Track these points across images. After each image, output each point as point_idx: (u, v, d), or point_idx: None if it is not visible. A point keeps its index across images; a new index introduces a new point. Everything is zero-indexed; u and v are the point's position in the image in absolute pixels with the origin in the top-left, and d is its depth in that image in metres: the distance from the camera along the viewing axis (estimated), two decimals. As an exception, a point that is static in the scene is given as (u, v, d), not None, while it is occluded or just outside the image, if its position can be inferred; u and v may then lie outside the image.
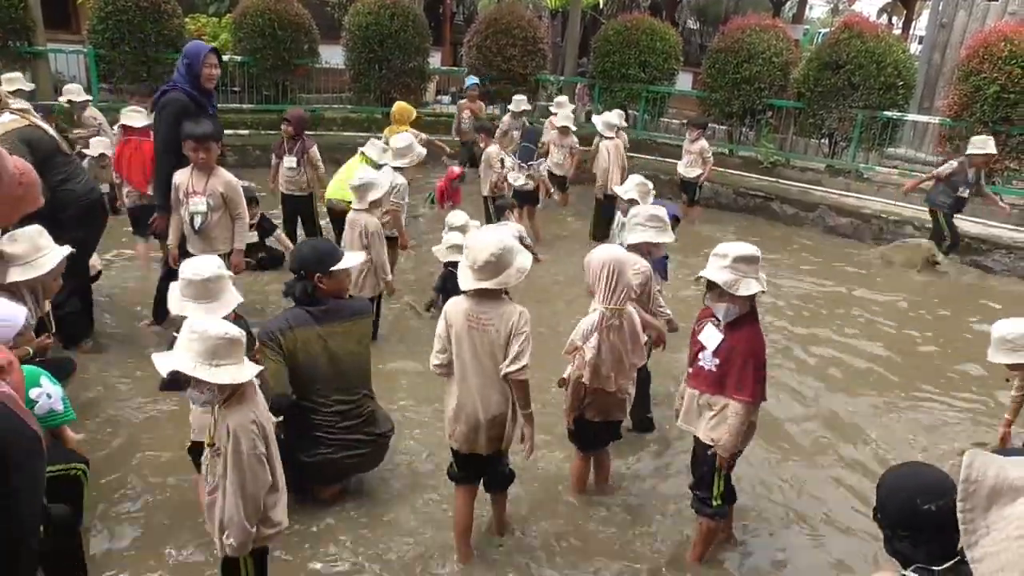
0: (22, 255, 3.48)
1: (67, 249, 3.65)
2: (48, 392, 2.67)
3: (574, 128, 9.08)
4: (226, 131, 10.87)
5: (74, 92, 8.13)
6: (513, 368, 2.95)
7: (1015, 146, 9.47)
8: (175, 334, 2.52)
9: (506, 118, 10.11)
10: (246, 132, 11.62)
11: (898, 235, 9.45)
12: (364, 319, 3.74)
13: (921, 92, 12.50)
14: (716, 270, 3.03)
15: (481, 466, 3.25)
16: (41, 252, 3.54)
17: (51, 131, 4.63)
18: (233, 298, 3.23)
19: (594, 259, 3.34)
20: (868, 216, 9.76)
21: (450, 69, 16.14)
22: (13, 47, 10.56)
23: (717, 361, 3.10)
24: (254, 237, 5.87)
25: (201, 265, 3.19)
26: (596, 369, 3.32)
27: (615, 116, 8.64)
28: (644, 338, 3.56)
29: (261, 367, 2.67)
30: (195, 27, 13.66)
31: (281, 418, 3.23)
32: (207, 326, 2.45)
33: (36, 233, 3.58)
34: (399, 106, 8.57)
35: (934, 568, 1.96)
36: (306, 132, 7.11)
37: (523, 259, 3.07)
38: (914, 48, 18.79)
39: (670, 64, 12.91)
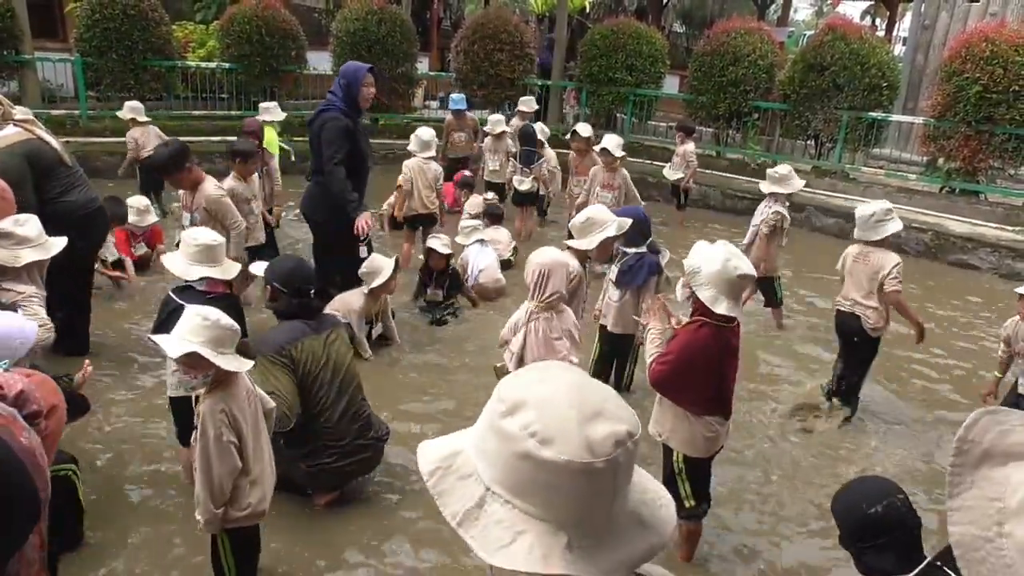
0: (34, 237, 3.54)
1: (65, 239, 3.73)
2: None
3: (508, 131, 9.03)
4: (213, 138, 10.95)
5: (139, 111, 8.31)
6: None
7: (998, 145, 9.59)
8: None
9: (515, 120, 9.97)
10: (234, 139, 11.57)
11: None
12: (342, 327, 3.82)
13: (905, 93, 12.64)
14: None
15: None
16: (45, 235, 3.62)
17: (54, 142, 4.61)
18: (233, 267, 3.57)
19: (532, 261, 3.60)
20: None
21: (437, 74, 16.18)
22: (1, 56, 10.53)
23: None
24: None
25: (200, 232, 3.58)
26: (521, 361, 3.52)
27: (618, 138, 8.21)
28: (575, 336, 3.67)
29: (252, 361, 2.77)
30: (182, 34, 13.66)
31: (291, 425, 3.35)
32: (219, 316, 2.63)
33: (37, 218, 3.66)
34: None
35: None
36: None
37: None
38: (898, 50, 18.98)
39: (657, 67, 12.99)
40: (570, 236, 4.19)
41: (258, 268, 3.87)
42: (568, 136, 8.59)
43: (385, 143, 12.67)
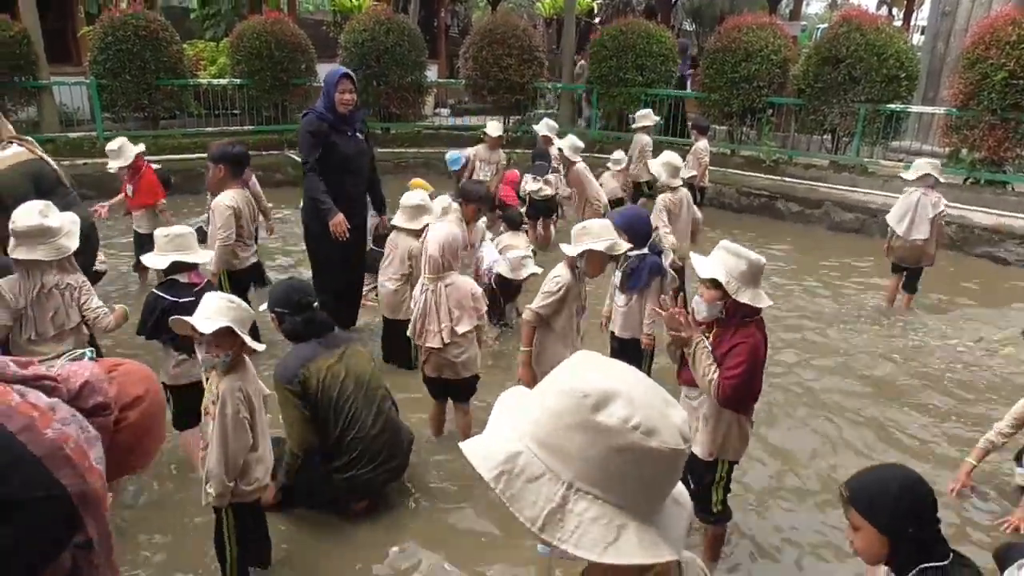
0: (64, 227, 3.60)
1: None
2: None
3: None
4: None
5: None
6: None
7: None
8: None
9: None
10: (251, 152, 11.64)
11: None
12: (357, 342, 3.90)
13: (925, 83, 12.38)
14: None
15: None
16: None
17: (53, 163, 4.65)
18: (205, 254, 4.03)
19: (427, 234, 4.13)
20: (874, 210, 9.64)
21: (447, 81, 16.19)
22: (18, 82, 10.66)
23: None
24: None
25: (174, 228, 3.91)
26: (416, 328, 4.06)
27: (576, 139, 7.82)
28: (474, 310, 4.06)
29: (262, 346, 3.03)
30: (193, 52, 13.76)
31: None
32: (241, 302, 2.94)
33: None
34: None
35: (940, 564, 1.91)
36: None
37: None
38: (916, 39, 18.69)
39: (667, 67, 12.87)
40: None
41: (148, 260, 3.88)
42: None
43: (396, 152, 12.70)
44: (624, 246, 3.85)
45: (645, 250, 4.23)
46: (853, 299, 7.25)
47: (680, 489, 1.07)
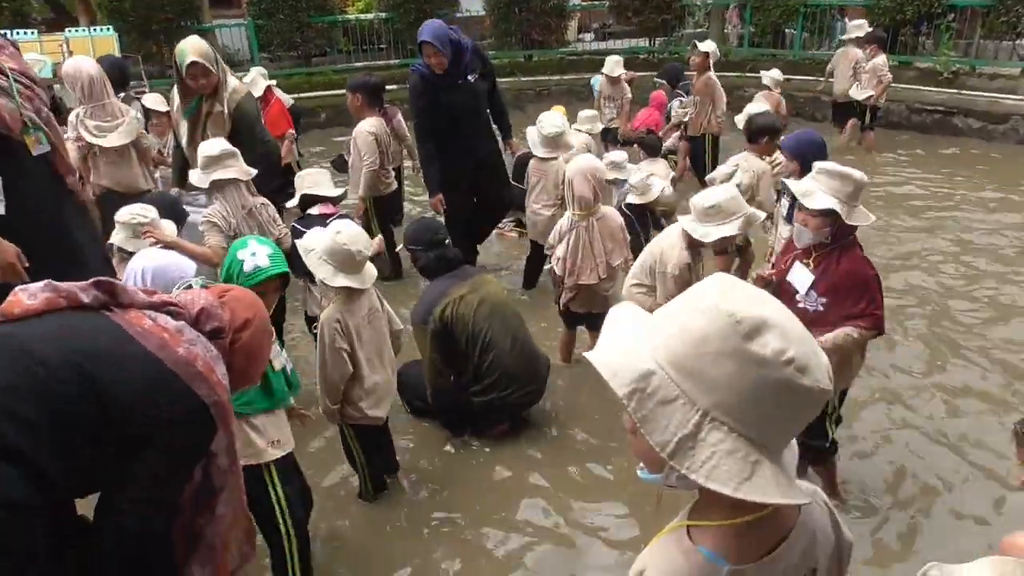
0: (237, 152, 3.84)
1: None
2: (254, 251, 2.62)
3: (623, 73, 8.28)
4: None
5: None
6: None
7: None
8: None
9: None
10: (394, 87, 11.92)
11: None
12: (487, 272, 3.99)
13: None
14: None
15: None
16: None
17: None
18: (333, 188, 4.27)
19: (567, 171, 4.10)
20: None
21: (590, 4, 15.65)
22: (185, 26, 11.43)
23: (823, 300, 2.84)
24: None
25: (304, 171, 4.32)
26: (569, 268, 4.01)
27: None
28: (619, 237, 4.04)
29: (364, 287, 3.02)
30: (341, -11, 14.13)
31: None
32: (348, 238, 2.91)
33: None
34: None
35: None
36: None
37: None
38: None
39: (830, -28, 11.76)
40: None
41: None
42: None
43: (539, 80, 12.56)
44: (759, 216, 3.48)
45: None
46: None
47: None
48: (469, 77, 5.04)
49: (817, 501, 1.14)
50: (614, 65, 8.12)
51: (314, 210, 4.12)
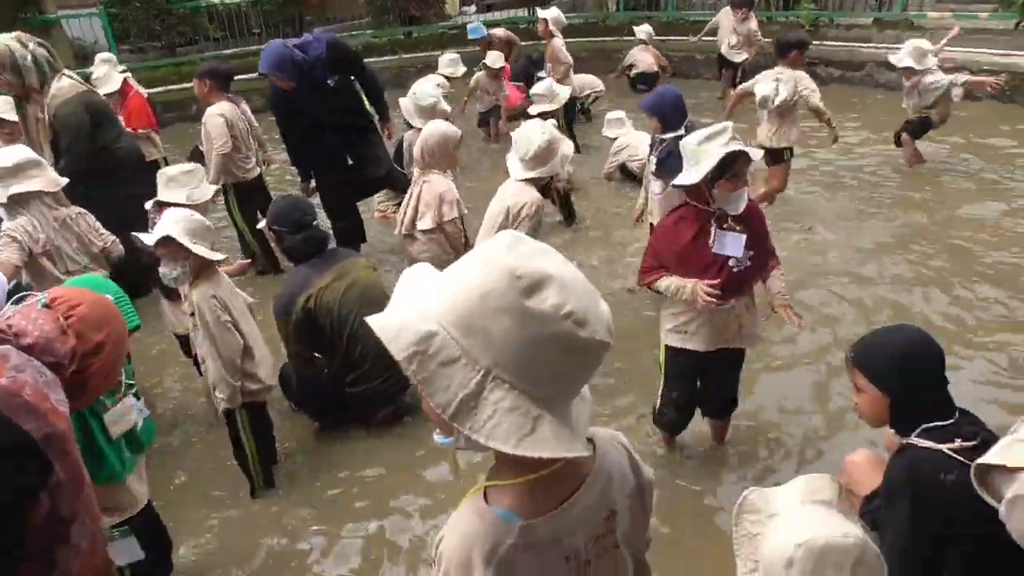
0: (42, 160, 3.54)
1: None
2: None
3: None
4: (250, 75, 10.88)
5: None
6: None
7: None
8: None
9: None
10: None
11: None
12: (357, 255, 3.77)
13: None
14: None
15: None
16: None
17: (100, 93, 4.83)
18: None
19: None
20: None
21: (464, -26, 15.56)
22: (26, 19, 10.55)
23: (751, 253, 2.76)
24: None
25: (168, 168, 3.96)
26: (412, 222, 4.20)
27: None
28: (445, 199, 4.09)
29: (223, 256, 3.08)
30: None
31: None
32: (193, 214, 3.01)
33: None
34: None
35: (944, 423, 1.84)
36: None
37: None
38: None
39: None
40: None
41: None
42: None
43: (421, 56, 12.34)
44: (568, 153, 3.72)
45: (681, 131, 3.93)
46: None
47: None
48: (328, 82, 4.87)
49: (614, 444, 1.17)
50: (496, 57, 8.03)
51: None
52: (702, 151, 2.59)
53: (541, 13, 7.56)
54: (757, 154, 2.63)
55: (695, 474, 3.22)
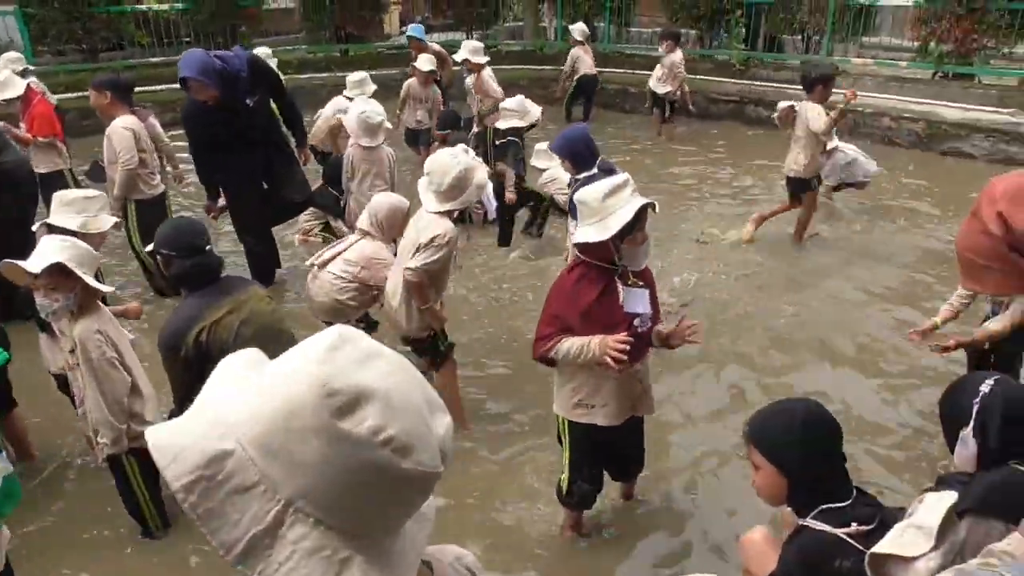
0: None
1: None
2: None
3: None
4: (175, 85, 10.56)
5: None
6: None
7: (991, 23, 9.08)
8: None
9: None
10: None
11: (875, 127, 9.22)
12: (256, 286, 3.40)
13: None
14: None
15: None
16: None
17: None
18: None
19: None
20: (844, 111, 9.44)
21: (406, -6, 15.50)
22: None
23: (651, 312, 2.71)
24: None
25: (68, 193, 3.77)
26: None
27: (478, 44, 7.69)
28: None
29: (111, 288, 3.01)
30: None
31: None
32: (78, 242, 2.86)
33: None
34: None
35: (842, 504, 1.81)
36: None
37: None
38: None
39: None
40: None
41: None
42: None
43: (355, 75, 12.19)
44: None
45: (595, 170, 3.90)
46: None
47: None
48: (248, 101, 4.70)
49: (457, 568, 1.01)
50: (427, 60, 8.00)
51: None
52: (606, 207, 2.46)
53: (460, 53, 7.47)
54: (657, 206, 2.56)
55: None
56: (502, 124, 6.12)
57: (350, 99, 7.06)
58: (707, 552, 3.02)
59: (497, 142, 6.46)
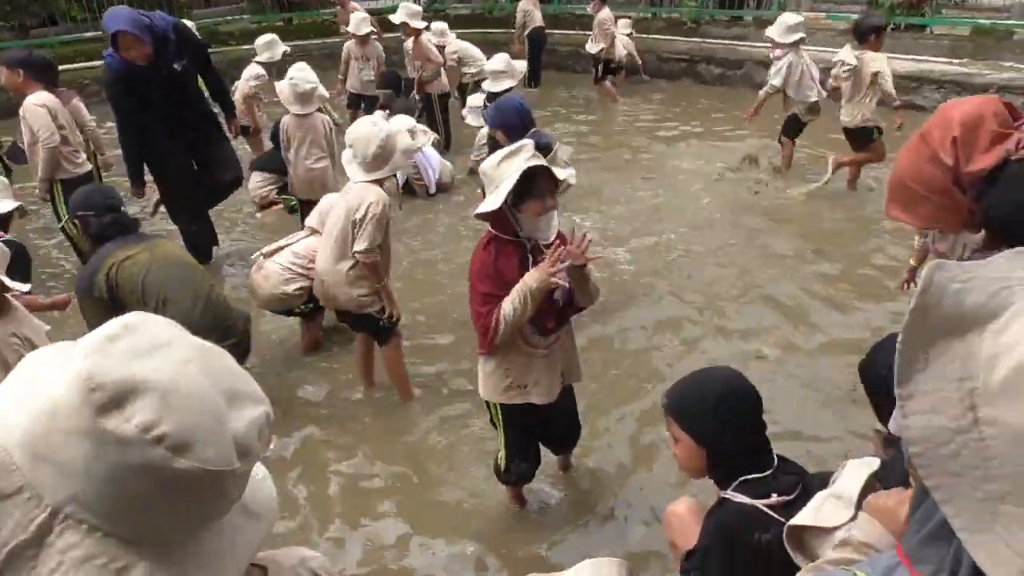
0: None
1: None
2: None
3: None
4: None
5: None
6: None
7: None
8: None
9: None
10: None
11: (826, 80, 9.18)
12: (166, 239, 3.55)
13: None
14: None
15: None
16: None
17: None
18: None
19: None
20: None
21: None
22: None
23: (567, 285, 2.56)
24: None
25: None
26: None
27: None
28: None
29: (28, 287, 2.69)
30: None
31: None
32: None
33: None
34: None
35: (762, 474, 1.75)
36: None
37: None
38: None
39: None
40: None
41: None
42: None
43: (300, 44, 11.83)
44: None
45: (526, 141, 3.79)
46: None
47: (256, 496, 0.81)
48: (175, 66, 4.48)
49: (299, 573, 0.94)
50: (360, 21, 7.71)
51: None
52: (500, 173, 2.34)
53: (396, 15, 7.20)
54: (564, 173, 2.42)
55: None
56: (495, 87, 5.77)
57: (261, 64, 6.85)
58: (649, 513, 2.97)
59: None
